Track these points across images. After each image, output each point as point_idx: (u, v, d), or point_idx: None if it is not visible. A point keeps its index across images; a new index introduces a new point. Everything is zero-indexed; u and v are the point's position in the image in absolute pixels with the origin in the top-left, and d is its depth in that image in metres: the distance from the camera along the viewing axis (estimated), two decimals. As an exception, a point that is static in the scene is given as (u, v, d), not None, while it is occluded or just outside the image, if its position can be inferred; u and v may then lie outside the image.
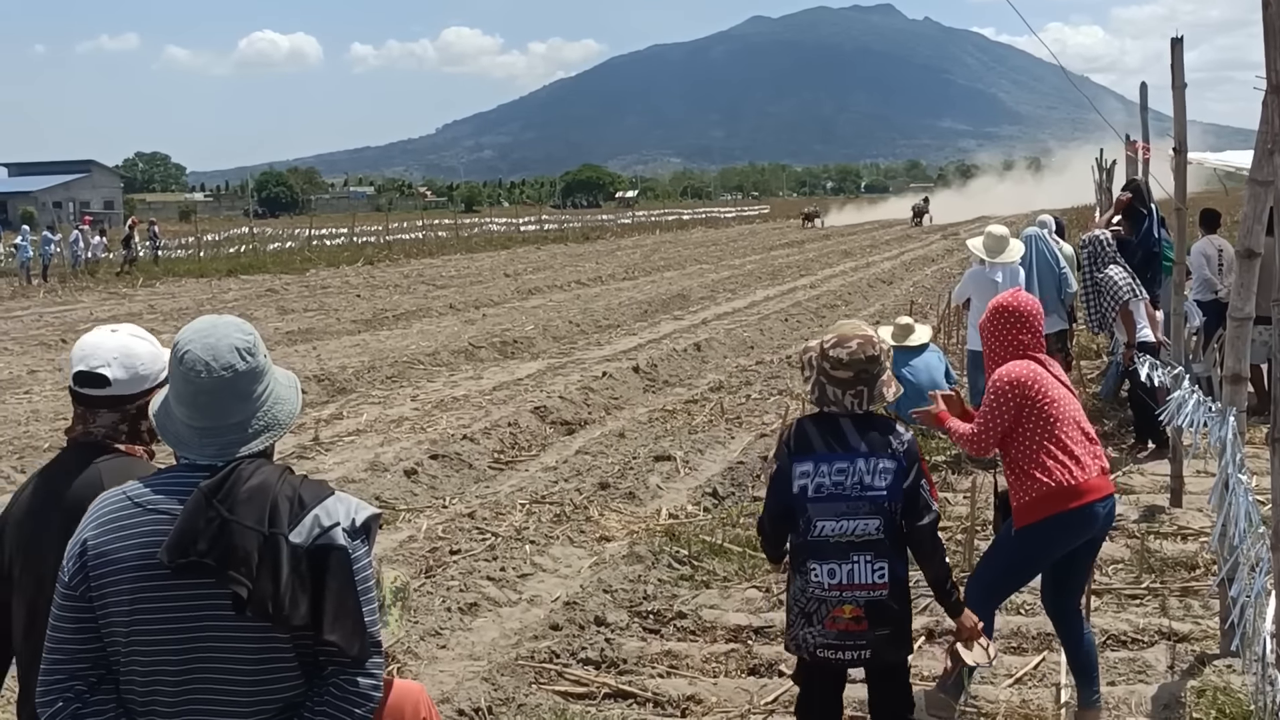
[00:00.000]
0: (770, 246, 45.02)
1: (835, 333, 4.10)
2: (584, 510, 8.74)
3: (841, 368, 4.00)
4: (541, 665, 5.92)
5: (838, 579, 3.96)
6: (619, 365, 15.49)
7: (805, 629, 4.02)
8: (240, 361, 2.58)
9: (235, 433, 2.59)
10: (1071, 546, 4.80)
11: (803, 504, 3.99)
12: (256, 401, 2.62)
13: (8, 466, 10.58)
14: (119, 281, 35.91)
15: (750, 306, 24.12)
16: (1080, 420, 4.76)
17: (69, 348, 15.95)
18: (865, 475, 3.96)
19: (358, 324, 22.30)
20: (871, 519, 3.95)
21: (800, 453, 4.02)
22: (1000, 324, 4.85)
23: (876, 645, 3.98)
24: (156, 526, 2.49)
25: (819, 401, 4.07)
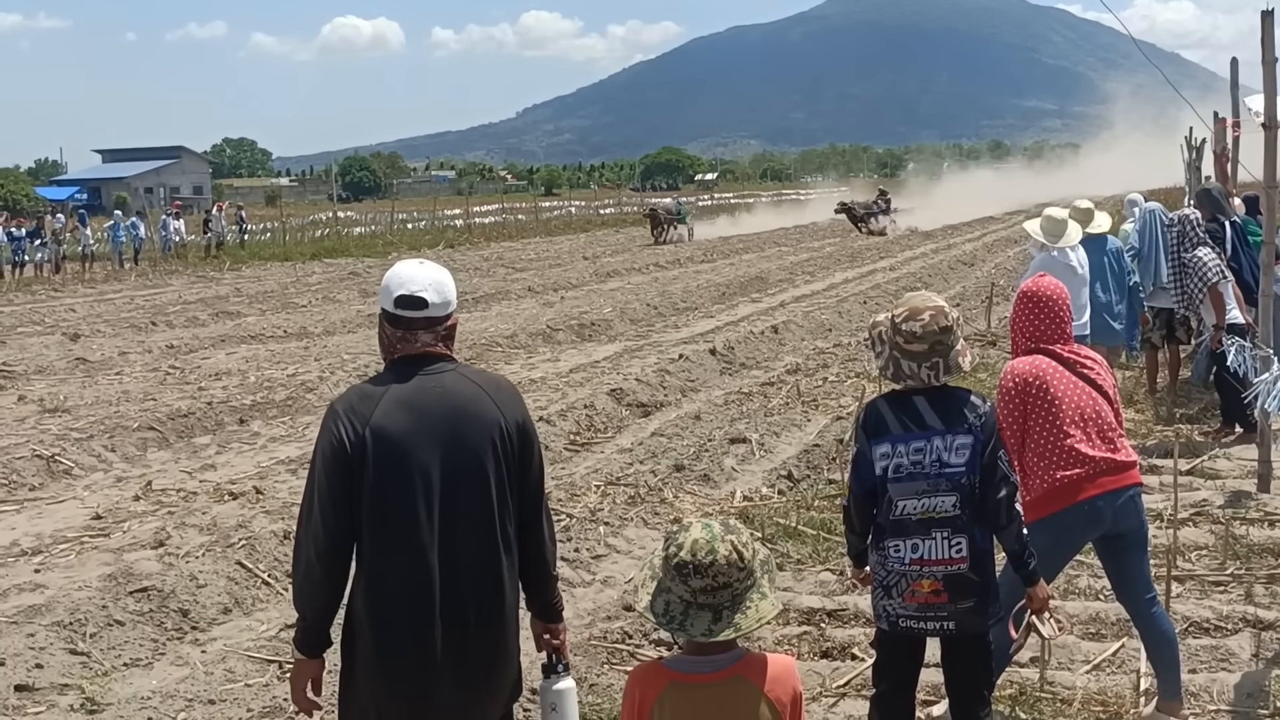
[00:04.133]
0: (850, 228, 44.59)
1: (906, 306, 4.03)
2: (658, 492, 8.74)
3: (915, 341, 3.94)
4: (614, 646, 5.94)
5: (918, 554, 3.95)
6: (695, 348, 15.47)
7: (885, 601, 4.03)
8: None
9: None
10: (1079, 543, 4.73)
11: (884, 485, 3.97)
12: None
13: (99, 445, 10.83)
14: (206, 265, 36.59)
15: (828, 289, 23.94)
16: (1097, 414, 4.59)
17: (159, 330, 16.41)
18: (943, 453, 3.92)
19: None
20: (949, 495, 3.92)
21: (877, 435, 3.98)
22: (1023, 311, 4.74)
23: (959, 617, 3.97)
24: None
25: (894, 377, 4.02)
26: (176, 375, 15.09)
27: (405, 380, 3.29)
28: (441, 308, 3.35)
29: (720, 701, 2.89)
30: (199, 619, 6.65)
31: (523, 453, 3.37)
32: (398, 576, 3.20)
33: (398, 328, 3.34)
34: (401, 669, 3.20)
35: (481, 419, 3.30)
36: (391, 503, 3.20)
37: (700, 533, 2.87)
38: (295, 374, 14.79)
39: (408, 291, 3.32)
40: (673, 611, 2.89)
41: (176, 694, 5.61)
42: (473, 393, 3.33)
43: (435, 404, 3.27)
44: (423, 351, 3.34)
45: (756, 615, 2.89)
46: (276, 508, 8.68)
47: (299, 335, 19.10)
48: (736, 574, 2.85)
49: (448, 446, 3.24)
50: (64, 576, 7.40)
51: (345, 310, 22.64)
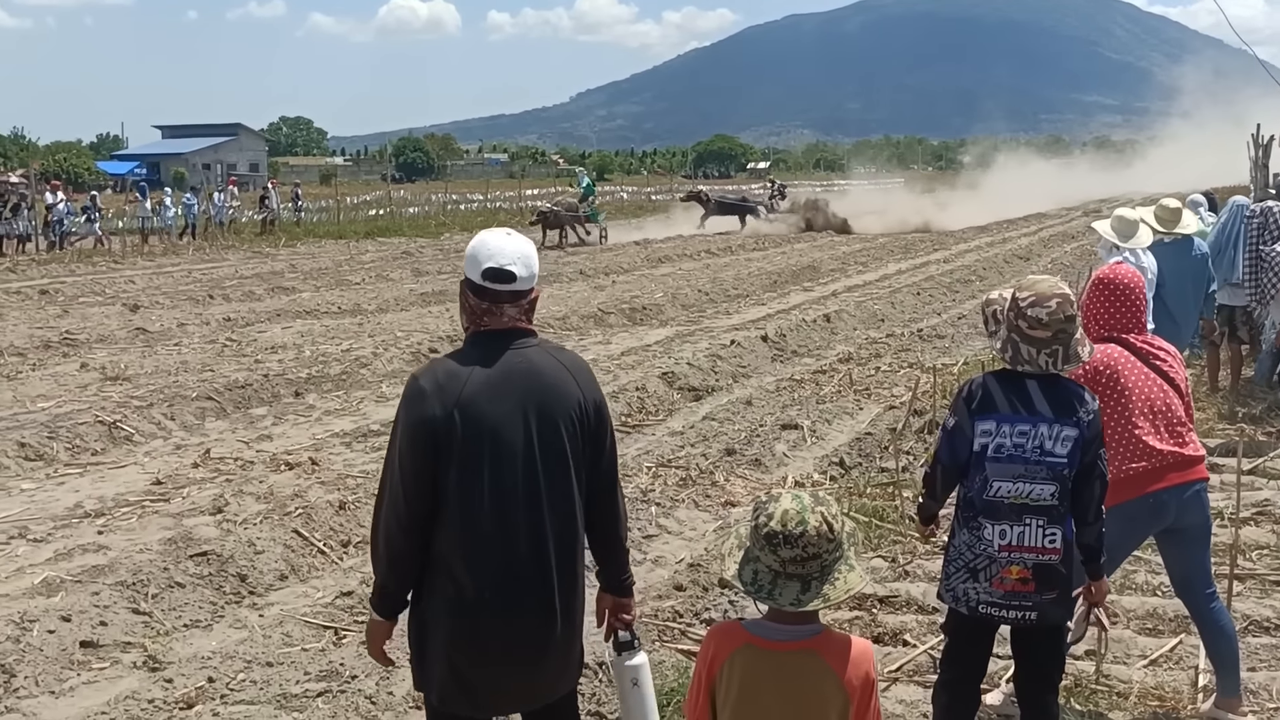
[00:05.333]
0: (903, 220, 44.22)
1: (1031, 290, 3.96)
2: (710, 475, 8.76)
3: (1040, 327, 3.90)
4: (665, 624, 5.97)
5: (1008, 540, 3.92)
6: (747, 334, 15.45)
7: (969, 584, 4.00)
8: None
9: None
10: (1142, 536, 4.70)
11: (981, 462, 3.94)
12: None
13: (158, 414, 10.99)
14: (262, 241, 36.95)
15: (881, 280, 23.82)
16: (1167, 407, 4.55)
17: (216, 303, 16.59)
18: (1047, 440, 3.89)
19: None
20: (1048, 484, 3.89)
21: (983, 411, 3.95)
22: (1098, 298, 4.69)
23: (1043, 608, 3.95)
24: None
25: (1012, 360, 3.97)
26: (233, 347, 15.27)
27: (492, 356, 3.30)
28: (528, 281, 3.35)
29: (789, 671, 2.91)
30: (256, 584, 6.75)
31: (598, 431, 3.41)
32: (484, 550, 3.23)
33: (484, 300, 3.33)
34: (484, 641, 3.24)
35: (565, 397, 3.33)
36: (479, 479, 3.23)
37: (790, 503, 2.89)
38: (350, 349, 14.92)
39: (496, 264, 3.30)
40: (761, 580, 2.92)
41: (235, 655, 5.70)
42: (557, 370, 3.35)
43: (522, 381, 3.29)
44: (509, 326, 3.34)
45: (845, 586, 2.91)
46: (331, 479, 8.78)
47: (353, 312, 19.26)
48: (826, 545, 2.87)
49: (534, 423, 3.27)
50: (125, 539, 7.53)
51: (398, 289, 22.79)
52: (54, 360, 14.48)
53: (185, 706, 5.19)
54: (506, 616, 3.24)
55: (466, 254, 3.38)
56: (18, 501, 8.57)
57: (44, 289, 22.56)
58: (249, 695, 5.29)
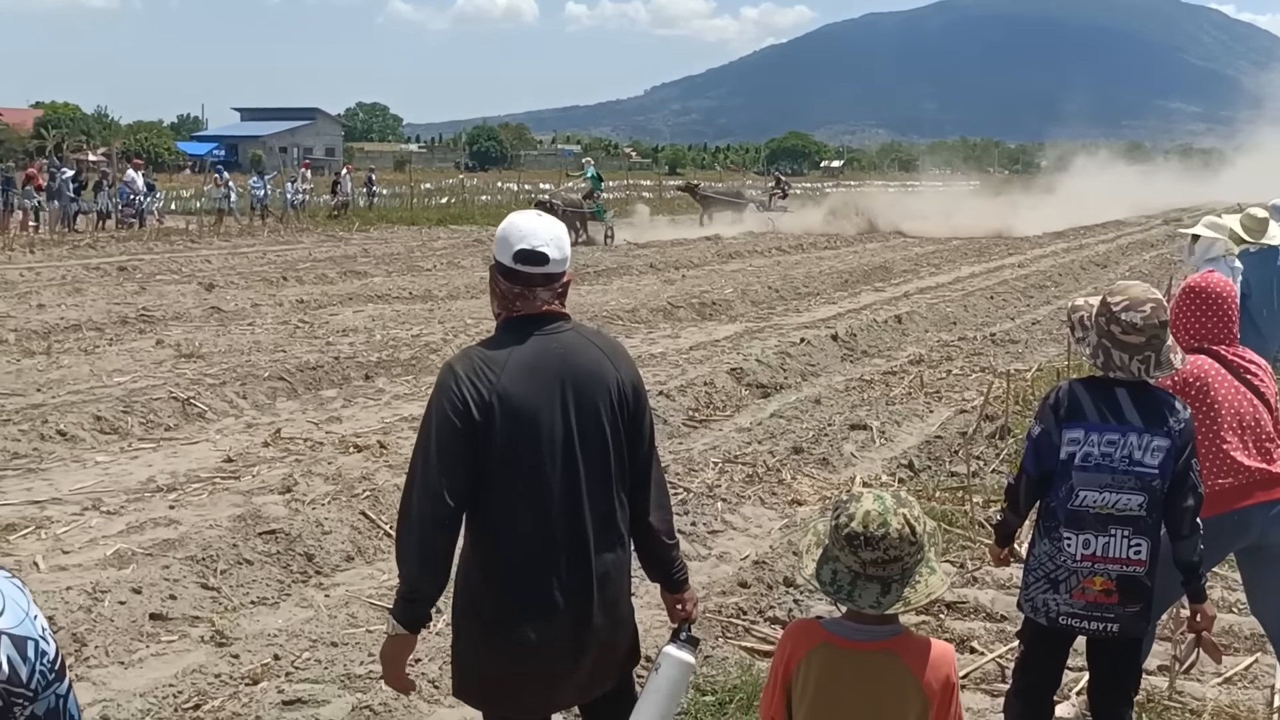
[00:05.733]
0: (971, 224, 43.67)
1: (1124, 294, 3.87)
2: (776, 473, 8.70)
3: (1134, 332, 3.80)
4: (729, 620, 5.94)
5: (1092, 550, 3.84)
6: (817, 333, 15.34)
7: (1049, 594, 3.92)
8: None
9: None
10: (1224, 552, 4.57)
11: (1067, 471, 3.86)
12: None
13: (231, 392, 11.13)
14: (335, 225, 37.33)
15: (954, 282, 23.56)
16: (1256, 422, 4.42)
17: (290, 285, 16.78)
18: (1136, 450, 3.80)
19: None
20: (1136, 495, 3.80)
21: (1071, 419, 3.86)
22: (1189, 307, 4.55)
23: (1124, 620, 3.87)
24: None
25: (1104, 366, 3.89)
26: (305, 329, 15.44)
27: (526, 341, 3.19)
28: (560, 264, 3.24)
29: (867, 672, 2.86)
30: (323, 564, 6.80)
31: (637, 414, 3.32)
32: (525, 541, 3.14)
33: (515, 283, 3.22)
34: (527, 636, 3.15)
35: (602, 380, 3.24)
36: (518, 469, 3.13)
37: (872, 504, 2.82)
38: (419, 334, 15.03)
39: (529, 246, 3.19)
40: (840, 581, 2.86)
41: (301, 634, 5.75)
42: (593, 354, 3.27)
43: (558, 366, 3.19)
44: (542, 310, 3.23)
45: (926, 590, 2.85)
46: (400, 463, 8.83)
47: (424, 298, 19.39)
48: (908, 548, 2.80)
49: (572, 409, 3.18)
50: (196, 514, 7.63)
51: (469, 276, 22.91)
52: (130, 336, 14.73)
53: (251, 682, 5.24)
54: (548, 613, 3.15)
55: (496, 237, 3.27)
56: (92, 474, 8.72)
57: (122, 266, 22.96)
58: (313, 674, 5.33)
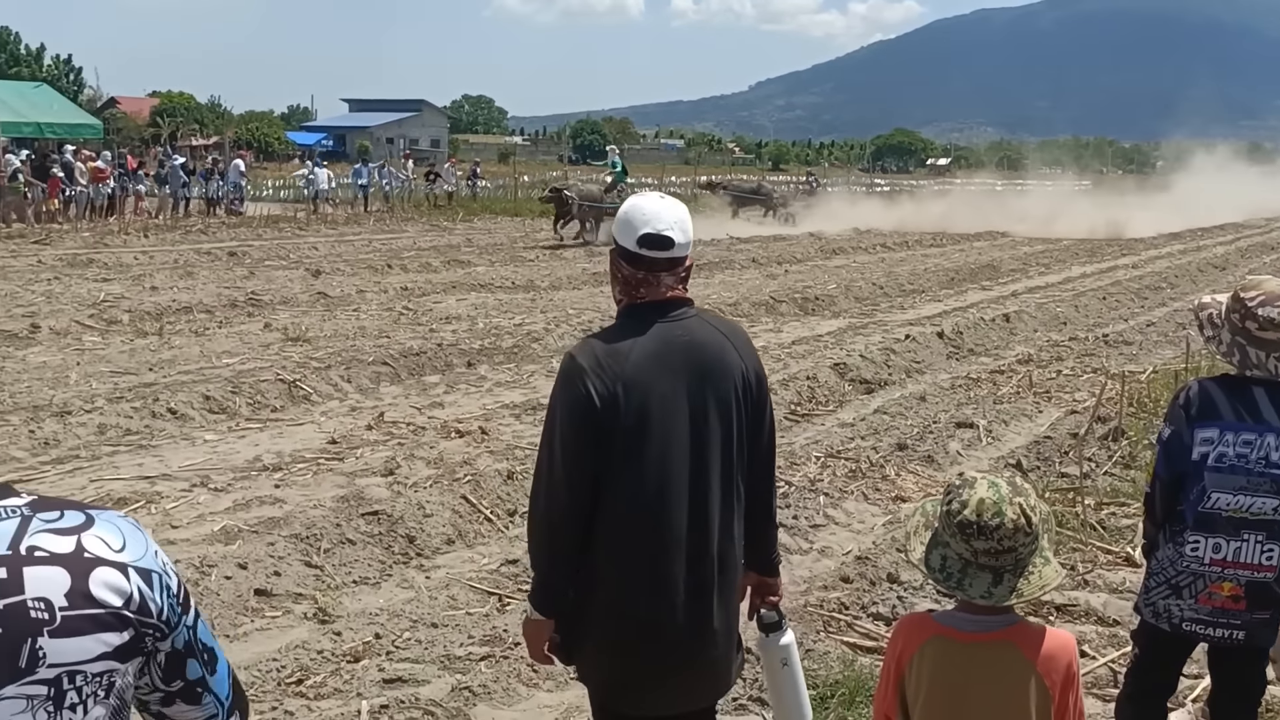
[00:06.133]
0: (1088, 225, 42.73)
1: (1258, 289, 3.69)
2: (880, 469, 8.56)
3: (1272, 328, 3.62)
4: (831, 615, 5.84)
5: (1221, 554, 3.66)
6: (922, 330, 15.10)
7: (1171, 600, 3.76)
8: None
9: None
10: None
11: (1199, 473, 3.67)
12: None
13: (336, 375, 11.27)
14: (439, 214, 37.76)
15: (1065, 282, 23.05)
16: None
17: (394, 273, 16.97)
18: (1273, 451, 3.61)
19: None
20: (1271, 498, 3.62)
21: (1204, 419, 3.68)
22: None
23: (1251, 628, 3.69)
24: None
25: (1240, 364, 3.72)
26: (409, 316, 15.60)
27: (650, 329, 3.10)
28: (684, 248, 3.14)
29: (984, 665, 2.75)
30: (424, 546, 6.83)
31: (760, 402, 3.24)
32: (650, 531, 3.07)
33: (639, 268, 3.12)
34: (648, 630, 3.09)
35: (728, 369, 3.16)
36: (644, 459, 3.05)
37: (987, 491, 2.68)
38: (522, 324, 15.09)
39: (653, 230, 3.09)
40: (950, 568, 2.73)
41: (402, 614, 5.78)
42: (718, 341, 3.18)
43: (684, 354, 3.11)
44: (667, 296, 3.13)
45: (1039, 582, 2.72)
46: (500, 449, 8.86)
47: (526, 287, 19.49)
48: (1022, 539, 2.67)
49: (698, 398, 3.10)
50: (301, 494, 7.72)
51: (571, 267, 23.00)
52: (239, 319, 15.01)
53: (353, 660, 5.28)
54: (677, 603, 3.09)
55: (618, 221, 3.17)
56: (201, 452, 8.88)
57: (232, 251, 23.45)
58: (414, 654, 5.35)
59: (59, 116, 39.57)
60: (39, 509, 1.53)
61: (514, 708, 4.91)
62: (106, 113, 75.27)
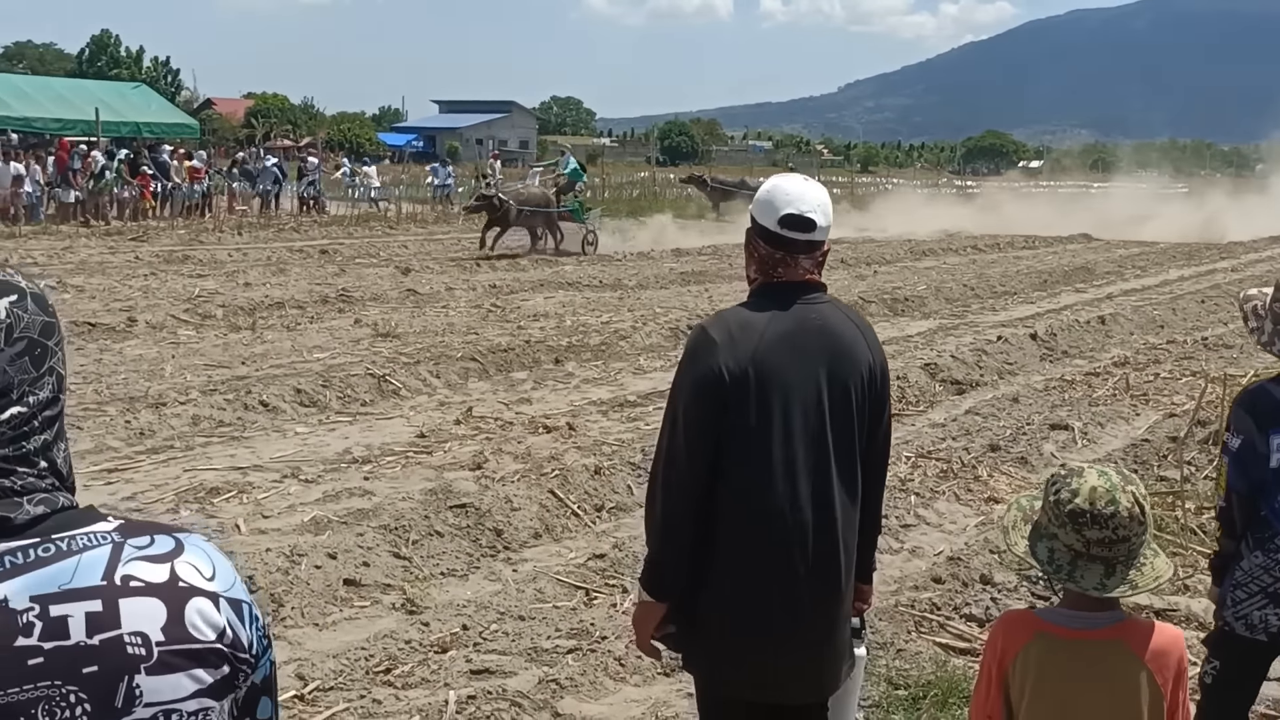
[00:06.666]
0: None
1: None
2: (972, 469, 8.41)
3: None
4: (922, 615, 5.73)
5: None
6: (1014, 331, 14.85)
7: (1268, 610, 3.59)
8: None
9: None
10: None
11: (1277, 480, 3.51)
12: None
13: (425, 371, 11.35)
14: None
15: (1161, 285, 22.56)
16: None
17: (482, 271, 17.06)
18: None
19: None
20: None
21: (1277, 424, 3.52)
22: None
23: None
24: None
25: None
26: (497, 313, 15.68)
27: (786, 309, 3.04)
28: (824, 232, 3.10)
29: (1093, 662, 2.65)
30: (511, 540, 6.83)
31: (881, 398, 3.17)
32: (771, 517, 2.99)
33: (777, 249, 3.06)
34: (770, 618, 3.02)
35: (857, 359, 3.09)
36: (769, 442, 2.98)
37: (1098, 480, 2.58)
38: (609, 322, 15.10)
39: (796, 211, 3.04)
40: (1059, 560, 2.62)
41: (489, 606, 5.78)
42: (850, 330, 3.12)
43: (816, 339, 3.04)
44: (803, 279, 3.08)
45: (1153, 574, 2.60)
46: (588, 444, 8.86)
47: (613, 286, 19.50)
48: (1136, 528, 2.57)
49: (825, 384, 3.03)
50: (389, 486, 7.77)
51: (658, 266, 22.98)
52: (330, 315, 15.20)
53: (440, 650, 5.28)
54: (795, 592, 3.01)
55: (759, 200, 3.12)
56: (292, 443, 8.98)
57: (324, 249, 23.77)
58: (500, 645, 5.35)
59: (157, 116, 40.46)
60: (129, 534, 1.44)
61: (600, 701, 4.89)
62: (202, 114, 76.87)
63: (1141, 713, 2.61)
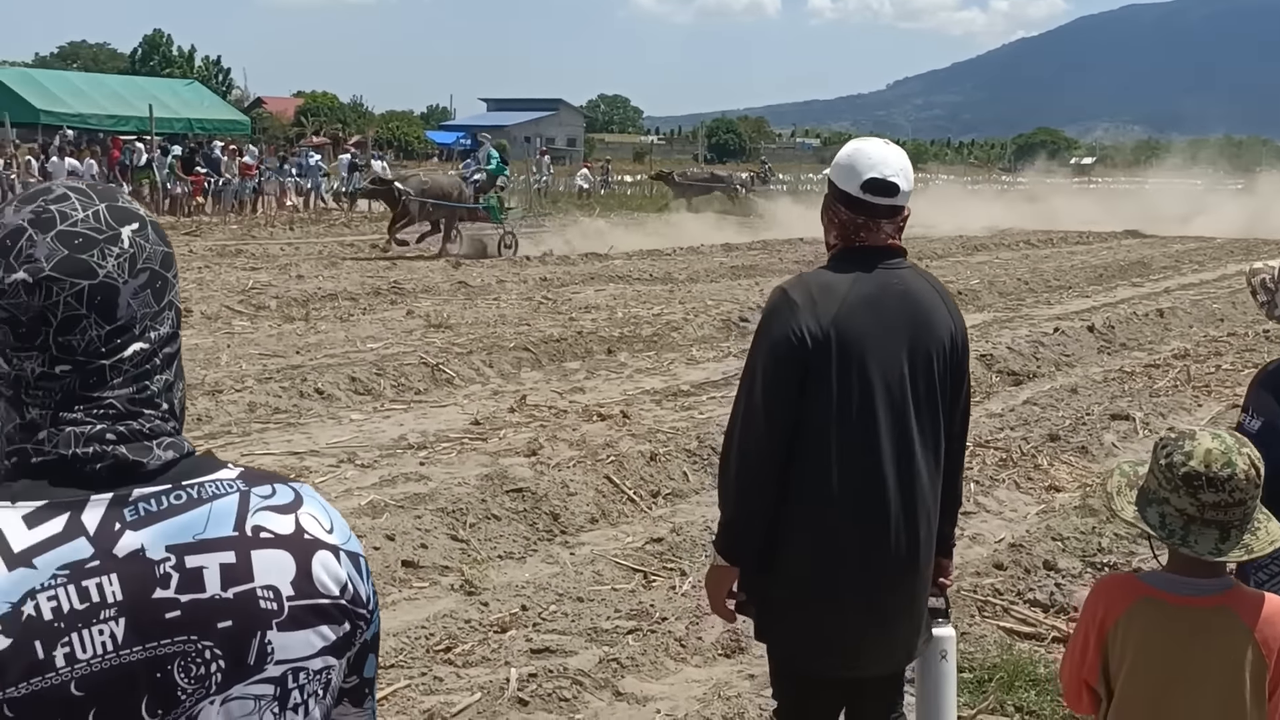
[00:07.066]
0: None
1: None
2: (1031, 458, 8.32)
3: None
4: (985, 600, 5.67)
5: None
6: (1071, 324, 14.68)
7: None
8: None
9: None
10: None
11: None
12: None
13: (478, 360, 11.37)
14: (577, 210, 38.05)
15: (1220, 279, 22.19)
16: None
17: (533, 265, 17.05)
18: None
19: (799, 264, 22.46)
20: None
21: None
22: None
23: None
24: None
25: None
26: (549, 305, 15.70)
27: (868, 273, 3.00)
28: (906, 196, 3.06)
29: (1199, 630, 2.57)
30: (568, 524, 6.82)
31: (962, 367, 3.13)
32: (849, 486, 2.94)
33: (859, 214, 3.02)
34: (846, 588, 2.96)
35: (939, 326, 3.05)
36: (849, 409, 2.93)
37: (1212, 443, 2.50)
38: (660, 314, 15.07)
39: (880, 175, 2.99)
40: (1171, 525, 2.54)
41: (547, 588, 5.77)
42: (932, 297, 3.08)
43: (899, 304, 3.00)
44: (886, 244, 3.05)
45: (1268, 537, 2.52)
46: (642, 432, 8.83)
47: (664, 280, 19.47)
48: (1252, 490, 2.49)
49: (908, 352, 2.99)
50: (445, 471, 7.79)
51: (708, 260, 22.93)
52: (383, 306, 15.28)
53: (499, 630, 5.27)
54: (873, 561, 2.95)
55: (839, 164, 3.07)
56: (348, 430, 9.02)
57: (374, 243, 23.88)
58: (560, 626, 5.33)
59: (209, 113, 40.91)
60: (251, 483, 1.36)
61: (662, 681, 4.86)
62: (253, 112, 77.56)
63: (1245, 683, 2.53)
